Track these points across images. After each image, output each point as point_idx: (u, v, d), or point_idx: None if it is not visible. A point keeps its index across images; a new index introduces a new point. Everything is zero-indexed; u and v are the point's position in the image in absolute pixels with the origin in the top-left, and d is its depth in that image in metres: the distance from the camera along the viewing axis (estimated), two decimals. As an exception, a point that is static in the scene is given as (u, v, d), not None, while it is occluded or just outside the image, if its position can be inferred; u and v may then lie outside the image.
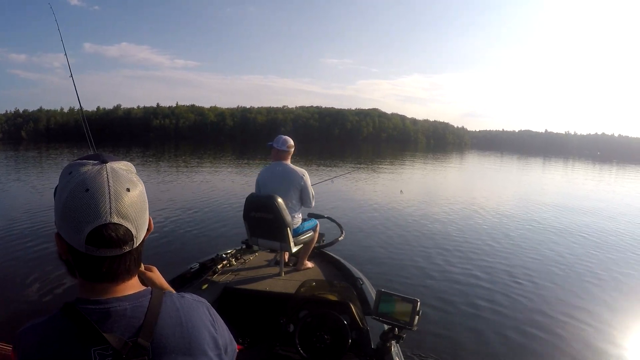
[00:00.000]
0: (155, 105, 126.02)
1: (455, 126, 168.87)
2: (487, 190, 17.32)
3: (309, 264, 3.90)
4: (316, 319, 2.32)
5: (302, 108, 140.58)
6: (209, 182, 15.55)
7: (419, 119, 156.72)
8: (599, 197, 16.19)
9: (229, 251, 3.95)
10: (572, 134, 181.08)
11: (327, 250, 4.25)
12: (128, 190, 0.77)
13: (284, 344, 2.35)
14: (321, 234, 4.22)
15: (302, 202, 3.76)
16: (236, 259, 3.93)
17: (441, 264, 6.26)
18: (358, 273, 3.63)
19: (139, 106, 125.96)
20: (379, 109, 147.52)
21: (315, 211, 4.30)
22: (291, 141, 3.82)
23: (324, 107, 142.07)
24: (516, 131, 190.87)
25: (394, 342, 2.09)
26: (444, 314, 4.52)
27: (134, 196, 0.78)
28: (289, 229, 3.46)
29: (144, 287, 0.84)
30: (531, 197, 14.79)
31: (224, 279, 3.48)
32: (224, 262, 3.72)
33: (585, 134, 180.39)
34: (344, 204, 11.01)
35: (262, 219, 3.52)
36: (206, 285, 3.34)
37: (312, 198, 3.75)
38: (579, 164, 46.47)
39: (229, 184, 15.61)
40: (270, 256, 4.13)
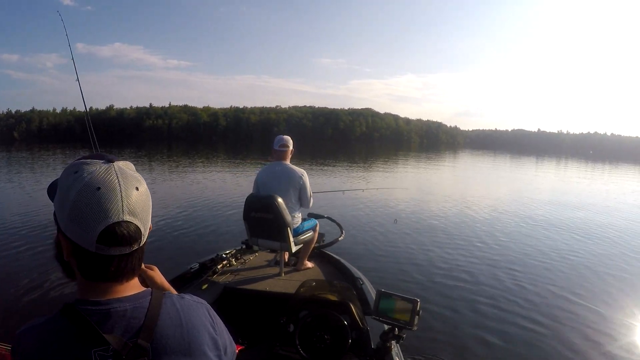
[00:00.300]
0: (148, 106, 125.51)
1: (448, 126, 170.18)
2: (483, 189, 17.39)
3: (309, 264, 3.91)
4: (316, 319, 2.32)
5: (295, 108, 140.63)
6: (207, 182, 15.46)
7: (412, 118, 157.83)
8: (593, 195, 16.38)
9: (228, 251, 3.94)
10: (565, 133, 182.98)
11: (327, 250, 4.25)
12: (137, 188, 0.78)
13: (284, 344, 2.36)
14: (321, 234, 4.23)
15: (300, 201, 3.76)
16: (236, 259, 3.93)
17: (441, 263, 6.27)
18: (358, 273, 3.64)
19: (131, 106, 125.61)
20: (372, 108, 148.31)
21: (315, 211, 4.31)
22: (289, 141, 3.82)
23: (317, 107, 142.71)
24: (509, 130, 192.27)
25: (394, 342, 2.09)
26: (444, 313, 4.53)
27: (141, 194, 0.79)
28: (289, 228, 3.47)
29: (144, 288, 0.85)
30: (526, 195, 14.90)
31: (224, 279, 3.48)
32: (224, 262, 3.71)
33: (577, 133, 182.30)
34: (344, 203, 11.01)
35: (262, 219, 3.52)
36: (206, 285, 3.33)
37: (310, 198, 3.76)
38: (572, 162, 46.82)
39: (227, 184, 15.55)
40: (270, 256, 4.13)
